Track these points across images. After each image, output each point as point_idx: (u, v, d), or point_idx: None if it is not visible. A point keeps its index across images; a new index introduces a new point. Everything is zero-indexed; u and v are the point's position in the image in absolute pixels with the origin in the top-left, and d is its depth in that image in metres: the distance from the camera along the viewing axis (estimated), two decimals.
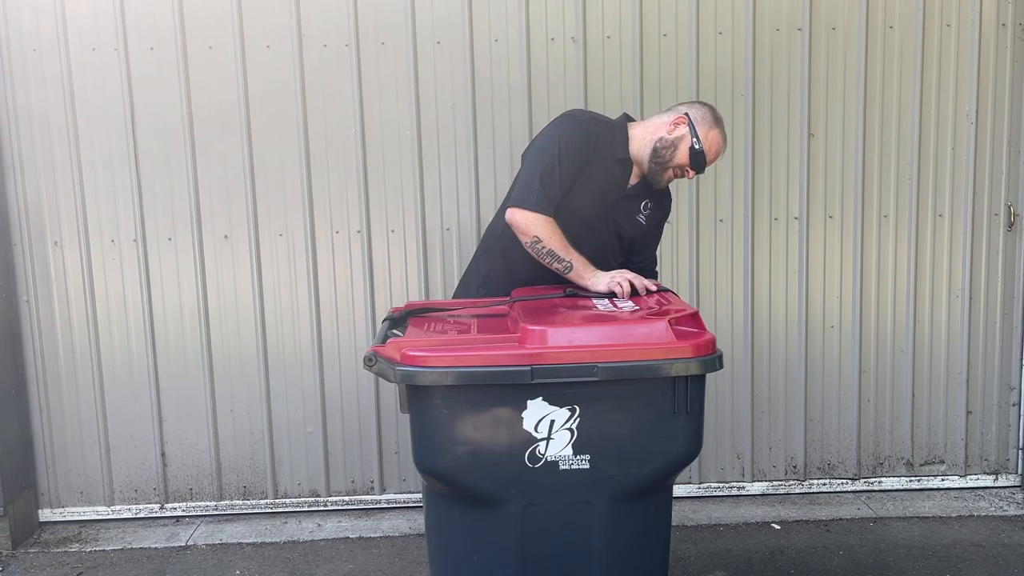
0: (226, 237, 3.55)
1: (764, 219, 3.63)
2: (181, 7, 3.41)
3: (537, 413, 2.08)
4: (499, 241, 2.75)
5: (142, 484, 3.67)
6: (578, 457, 2.10)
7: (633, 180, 2.67)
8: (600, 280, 2.51)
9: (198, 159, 3.49)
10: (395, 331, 2.47)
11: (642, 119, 2.88)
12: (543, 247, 2.53)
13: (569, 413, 2.09)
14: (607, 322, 2.21)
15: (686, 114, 2.63)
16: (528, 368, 2.03)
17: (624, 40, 3.50)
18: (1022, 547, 3.32)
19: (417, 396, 2.10)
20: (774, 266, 3.67)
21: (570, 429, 2.09)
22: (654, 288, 2.51)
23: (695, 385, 2.09)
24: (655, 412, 2.09)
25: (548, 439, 2.10)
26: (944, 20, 3.58)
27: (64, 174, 3.48)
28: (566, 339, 2.09)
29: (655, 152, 2.61)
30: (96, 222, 3.52)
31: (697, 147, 2.58)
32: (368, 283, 3.59)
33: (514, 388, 2.06)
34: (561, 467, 2.11)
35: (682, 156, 2.59)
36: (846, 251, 3.67)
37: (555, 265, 2.54)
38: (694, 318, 2.21)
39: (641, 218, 2.71)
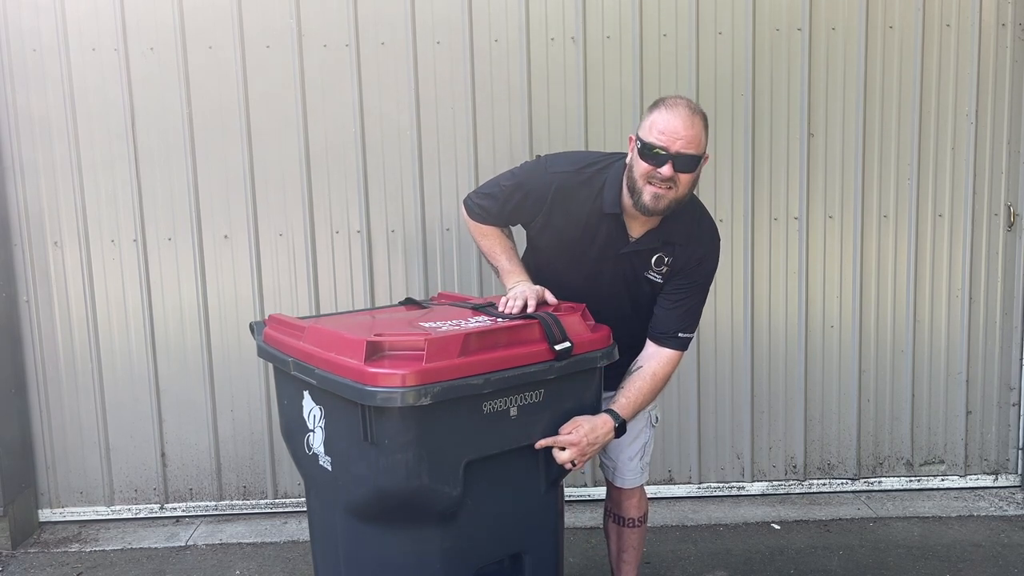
0: (226, 237, 3.55)
1: (764, 219, 3.63)
2: (181, 7, 3.41)
3: (308, 405, 2.14)
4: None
5: (142, 484, 3.68)
6: (326, 456, 2.09)
7: (636, 232, 2.30)
8: (510, 290, 2.29)
9: (198, 159, 3.49)
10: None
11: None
12: (480, 249, 2.50)
13: (320, 412, 2.09)
14: (367, 333, 1.98)
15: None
16: (290, 359, 2.11)
17: (624, 40, 3.50)
18: (1022, 547, 3.32)
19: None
20: (774, 266, 3.67)
21: (323, 427, 2.09)
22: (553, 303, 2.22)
23: (377, 417, 1.87)
24: (355, 434, 1.93)
25: (313, 432, 2.13)
26: (944, 20, 3.58)
27: (64, 174, 3.49)
28: (315, 339, 2.07)
29: (626, 182, 2.23)
30: (96, 222, 3.52)
31: (639, 144, 2.16)
32: (368, 283, 3.59)
33: (295, 378, 2.11)
34: (319, 462, 2.13)
35: (639, 165, 2.17)
36: (846, 251, 3.67)
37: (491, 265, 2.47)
38: (440, 344, 1.90)
39: (652, 275, 2.31)
